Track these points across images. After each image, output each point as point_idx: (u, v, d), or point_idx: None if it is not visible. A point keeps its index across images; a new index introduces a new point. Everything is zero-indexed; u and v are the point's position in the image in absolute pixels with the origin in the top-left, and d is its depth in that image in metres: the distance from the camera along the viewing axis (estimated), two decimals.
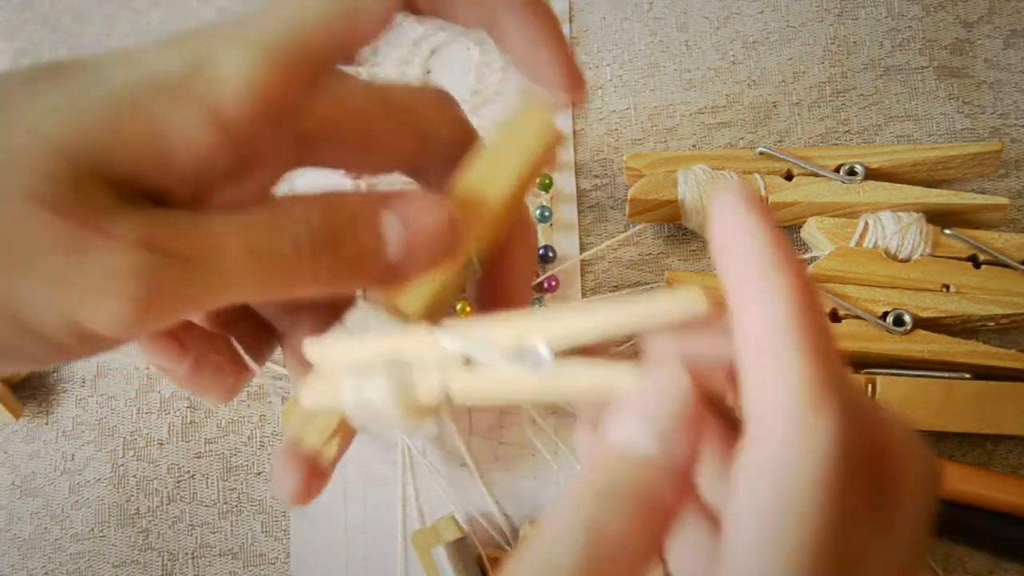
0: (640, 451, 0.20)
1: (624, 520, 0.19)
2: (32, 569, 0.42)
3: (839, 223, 0.42)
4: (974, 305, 0.41)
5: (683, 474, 0.20)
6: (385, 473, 0.42)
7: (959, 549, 0.40)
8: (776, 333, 0.19)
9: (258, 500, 0.42)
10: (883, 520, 0.19)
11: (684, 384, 0.20)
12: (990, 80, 0.48)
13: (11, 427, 0.44)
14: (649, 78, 0.49)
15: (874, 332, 0.41)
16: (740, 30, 0.49)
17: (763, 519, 0.18)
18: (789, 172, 0.44)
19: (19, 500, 0.43)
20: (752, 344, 0.19)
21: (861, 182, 0.43)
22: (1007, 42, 0.48)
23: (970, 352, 0.41)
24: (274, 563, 0.41)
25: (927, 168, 0.44)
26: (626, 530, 0.19)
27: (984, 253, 0.42)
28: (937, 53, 0.48)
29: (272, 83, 0.22)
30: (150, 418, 0.44)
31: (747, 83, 0.48)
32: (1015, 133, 0.47)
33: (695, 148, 0.47)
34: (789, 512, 0.18)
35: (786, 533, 0.17)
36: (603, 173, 0.47)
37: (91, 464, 0.43)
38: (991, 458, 0.42)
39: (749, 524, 0.18)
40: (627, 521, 0.19)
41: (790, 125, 0.47)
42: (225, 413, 0.43)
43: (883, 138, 0.47)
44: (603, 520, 0.19)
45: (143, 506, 0.42)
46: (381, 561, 0.41)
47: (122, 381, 0.44)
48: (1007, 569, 0.40)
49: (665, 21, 0.50)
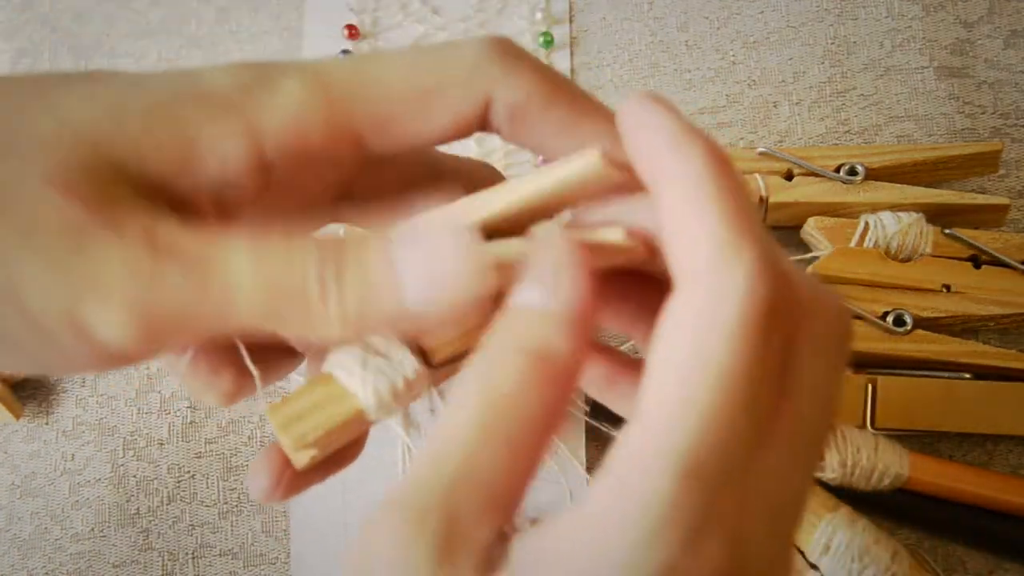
0: (530, 306, 0.20)
1: (516, 373, 0.19)
2: (32, 569, 0.42)
3: (839, 223, 0.42)
4: (974, 305, 0.41)
5: (578, 320, 0.20)
6: (385, 473, 0.42)
7: (959, 549, 0.40)
8: (692, 194, 0.19)
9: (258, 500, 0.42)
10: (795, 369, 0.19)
11: (563, 237, 0.21)
12: (990, 80, 0.48)
13: (11, 427, 0.44)
14: (649, 78, 0.49)
15: (874, 332, 0.41)
16: (740, 30, 0.49)
17: (680, 365, 0.18)
18: (789, 172, 0.44)
19: (19, 500, 0.43)
20: (671, 208, 0.20)
21: (861, 182, 0.43)
22: (1007, 42, 0.48)
23: (970, 352, 0.41)
24: (274, 563, 0.41)
25: (927, 168, 0.44)
26: (519, 382, 0.19)
27: (984, 253, 0.42)
28: (937, 53, 0.48)
29: (321, 126, 0.22)
30: (150, 418, 0.44)
31: (747, 83, 0.48)
32: (1015, 133, 0.47)
33: None
34: (705, 356, 0.18)
35: (703, 379, 0.18)
36: None
37: (91, 464, 0.43)
38: (991, 458, 0.42)
39: (666, 372, 0.18)
40: (519, 373, 0.19)
41: (790, 125, 0.47)
42: (225, 413, 0.43)
43: (883, 138, 0.47)
44: (495, 376, 0.19)
45: (143, 506, 0.42)
46: None
47: (122, 381, 0.44)
48: (1007, 569, 0.40)
49: (665, 21, 0.50)
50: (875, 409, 0.40)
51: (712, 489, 0.17)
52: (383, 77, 0.22)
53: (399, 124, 0.23)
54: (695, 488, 0.17)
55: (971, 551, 0.40)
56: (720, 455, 0.18)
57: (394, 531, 0.18)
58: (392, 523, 0.18)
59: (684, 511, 0.17)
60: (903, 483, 0.39)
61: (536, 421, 0.19)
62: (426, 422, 0.43)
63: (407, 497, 0.19)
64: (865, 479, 0.39)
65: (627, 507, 0.17)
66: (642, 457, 0.18)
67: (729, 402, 0.18)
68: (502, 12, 0.50)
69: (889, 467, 0.38)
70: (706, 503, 0.17)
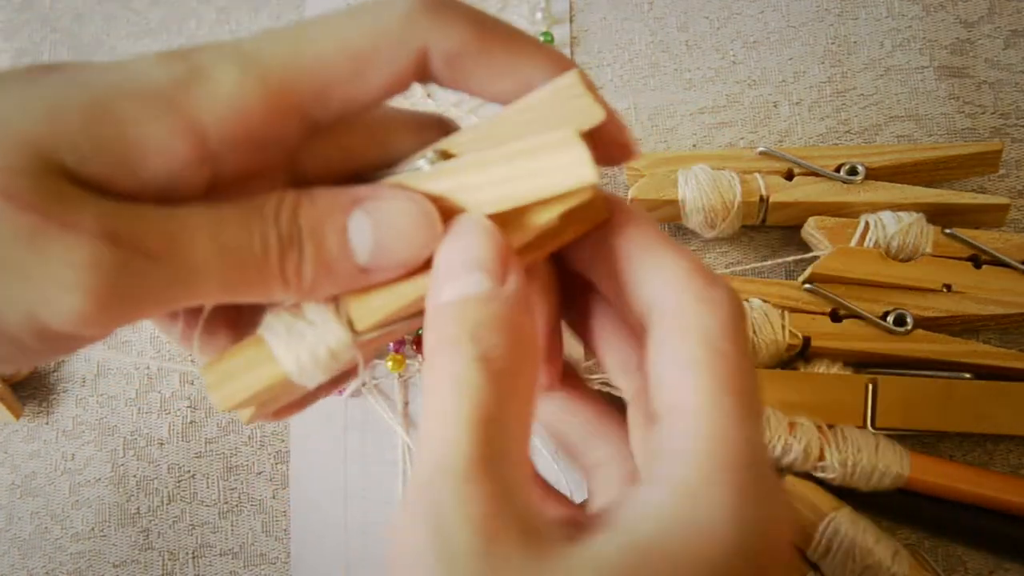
0: (477, 292, 0.21)
1: (503, 343, 0.21)
2: (32, 569, 0.42)
3: (839, 223, 0.42)
4: (974, 305, 0.41)
5: (523, 299, 0.22)
6: (385, 473, 0.42)
7: (959, 549, 0.40)
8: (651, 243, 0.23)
9: (258, 500, 0.42)
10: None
11: (487, 224, 0.22)
12: (991, 80, 0.48)
13: (11, 427, 0.44)
14: (649, 78, 0.49)
15: (874, 332, 0.41)
16: (740, 30, 0.49)
17: (694, 366, 0.21)
18: (790, 172, 0.44)
19: (19, 500, 0.43)
20: (633, 253, 0.23)
21: (861, 182, 0.43)
22: (1007, 42, 0.48)
23: (970, 352, 0.41)
24: (274, 563, 0.41)
25: (927, 168, 0.44)
26: (508, 351, 0.21)
27: (984, 253, 0.42)
28: (937, 53, 0.48)
29: (261, 110, 0.22)
30: (150, 418, 0.44)
31: (747, 83, 0.48)
32: (1015, 133, 0.47)
33: (695, 148, 0.47)
34: (716, 354, 0.21)
35: (720, 373, 0.21)
36: (604, 173, 0.47)
37: (91, 464, 0.43)
38: (991, 458, 0.42)
39: (683, 374, 0.21)
40: (505, 342, 0.21)
41: (791, 125, 0.47)
42: (225, 413, 0.43)
43: (883, 138, 0.47)
44: (486, 350, 0.20)
45: (143, 506, 0.42)
46: (381, 561, 0.41)
47: (122, 381, 0.44)
48: (1007, 569, 0.40)
49: (665, 21, 0.50)
50: (875, 409, 0.40)
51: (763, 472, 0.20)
52: (317, 46, 0.22)
53: (339, 90, 0.23)
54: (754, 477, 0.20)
55: (971, 551, 0.40)
56: (759, 437, 0.21)
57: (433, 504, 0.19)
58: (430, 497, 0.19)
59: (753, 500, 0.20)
60: (903, 483, 0.39)
61: (527, 375, 0.21)
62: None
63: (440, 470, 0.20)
64: (865, 479, 0.39)
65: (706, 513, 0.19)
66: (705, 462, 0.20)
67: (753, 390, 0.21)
68: (502, 12, 0.50)
69: (889, 467, 0.38)
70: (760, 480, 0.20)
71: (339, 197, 0.23)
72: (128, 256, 0.21)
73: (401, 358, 0.43)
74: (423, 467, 0.20)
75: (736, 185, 0.42)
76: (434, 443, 0.20)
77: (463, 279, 0.22)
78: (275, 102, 0.22)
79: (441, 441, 0.20)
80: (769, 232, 0.45)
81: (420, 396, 0.43)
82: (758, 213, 0.43)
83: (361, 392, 0.43)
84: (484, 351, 0.20)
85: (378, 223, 0.23)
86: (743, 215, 0.43)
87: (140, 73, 0.22)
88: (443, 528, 0.19)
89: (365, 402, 0.43)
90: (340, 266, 0.23)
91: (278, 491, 0.42)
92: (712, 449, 0.20)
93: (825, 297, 0.41)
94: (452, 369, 0.20)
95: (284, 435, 0.43)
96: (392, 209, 0.23)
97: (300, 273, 0.22)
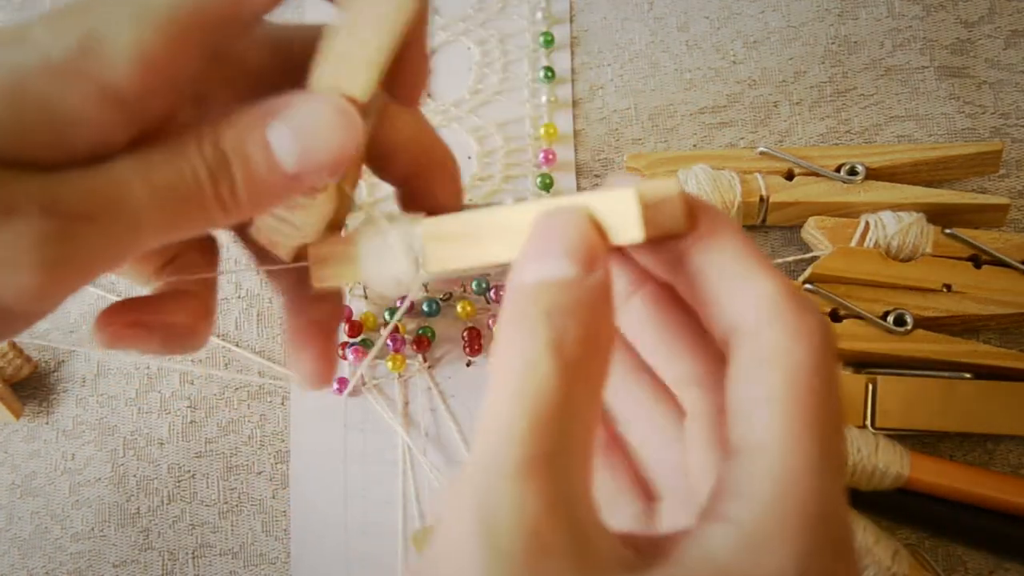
0: (559, 276, 0.21)
1: (579, 333, 0.20)
2: (32, 569, 0.42)
3: (839, 223, 0.42)
4: (974, 305, 0.41)
5: (607, 293, 0.21)
6: (385, 473, 0.42)
7: (959, 549, 0.40)
8: (740, 259, 0.22)
9: (258, 500, 0.42)
10: None
11: (583, 214, 0.22)
12: (991, 80, 0.48)
13: (11, 427, 0.44)
14: (650, 78, 0.49)
15: (874, 332, 0.41)
16: (741, 30, 0.49)
17: (779, 405, 0.20)
18: (790, 172, 0.44)
19: (19, 500, 0.43)
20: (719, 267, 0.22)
21: (861, 182, 0.43)
22: (1008, 42, 0.48)
23: (970, 352, 0.41)
24: (274, 563, 0.41)
25: (928, 168, 0.44)
26: (583, 342, 0.20)
27: (985, 253, 0.42)
28: (938, 53, 0.48)
29: (164, 54, 0.22)
30: (150, 418, 0.44)
31: (748, 83, 0.48)
32: (1016, 133, 0.47)
33: (696, 148, 0.47)
34: (804, 390, 0.20)
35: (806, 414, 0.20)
36: (604, 173, 0.47)
37: (91, 464, 0.43)
38: (991, 458, 0.42)
39: (765, 411, 0.20)
40: (582, 332, 0.20)
41: (791, 125, 0.47)
42: (225, 413, 0.43)
43: (884, 138, 0.47)
44: (561, 336, 0.20)
45: (143, 506, 0.42)
46: (381, 561, 0.41)
47: (122, 381, 0.44)
48: (1007, 569, 0.40)
49: (665, 21, 0.50)
50: (875, 409, 0.40)
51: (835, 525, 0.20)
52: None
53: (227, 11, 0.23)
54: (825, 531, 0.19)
55: (971, 551, 0.40)
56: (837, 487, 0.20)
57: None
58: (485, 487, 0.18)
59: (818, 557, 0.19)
60: (903, 483, 0.39)
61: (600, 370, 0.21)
62: (426, 422, 0.43)
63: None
64: (865, 479, 0.39)
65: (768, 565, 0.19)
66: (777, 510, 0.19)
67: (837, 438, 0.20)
68: (502, 12, 0.50)
69: (889, 467, 0.38)
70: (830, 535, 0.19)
71: (254, 113, 0.24)
72: (66, 224, 0.21)
73: (401, 358, 0.43)
74: (479, 455, 0.19)
75: (736, 185, 0.42)
76: (490, 432, 0.19)
77: (550, 262, 0.21)
78: (174, 45, 0.22)
79: (498, 430, 0.19)
80: (769, 232, 0.45)
81: (420, 396, 0.43)
82: (758, 213, 0.43)
83: (361, 392, 0.43)
84: (559, 337, 0.20)
85: (296, 129, 0.23)
86: (743, 215, 0.43)
87: (42, 48, 0.22)
88: (493, 529, 0.18)
89: (365, 402, 0.43)
90: (270, 178, 0.23)
91: (278, 491, 0.42)
92: (786, 496, 0.19)
93: (825, 297, 0.41)
94: (521, 349, 0.20)
95: (284, 435, 0.43)
96: (307, 112, 0.23)
97: (235, 194, 0.23)
